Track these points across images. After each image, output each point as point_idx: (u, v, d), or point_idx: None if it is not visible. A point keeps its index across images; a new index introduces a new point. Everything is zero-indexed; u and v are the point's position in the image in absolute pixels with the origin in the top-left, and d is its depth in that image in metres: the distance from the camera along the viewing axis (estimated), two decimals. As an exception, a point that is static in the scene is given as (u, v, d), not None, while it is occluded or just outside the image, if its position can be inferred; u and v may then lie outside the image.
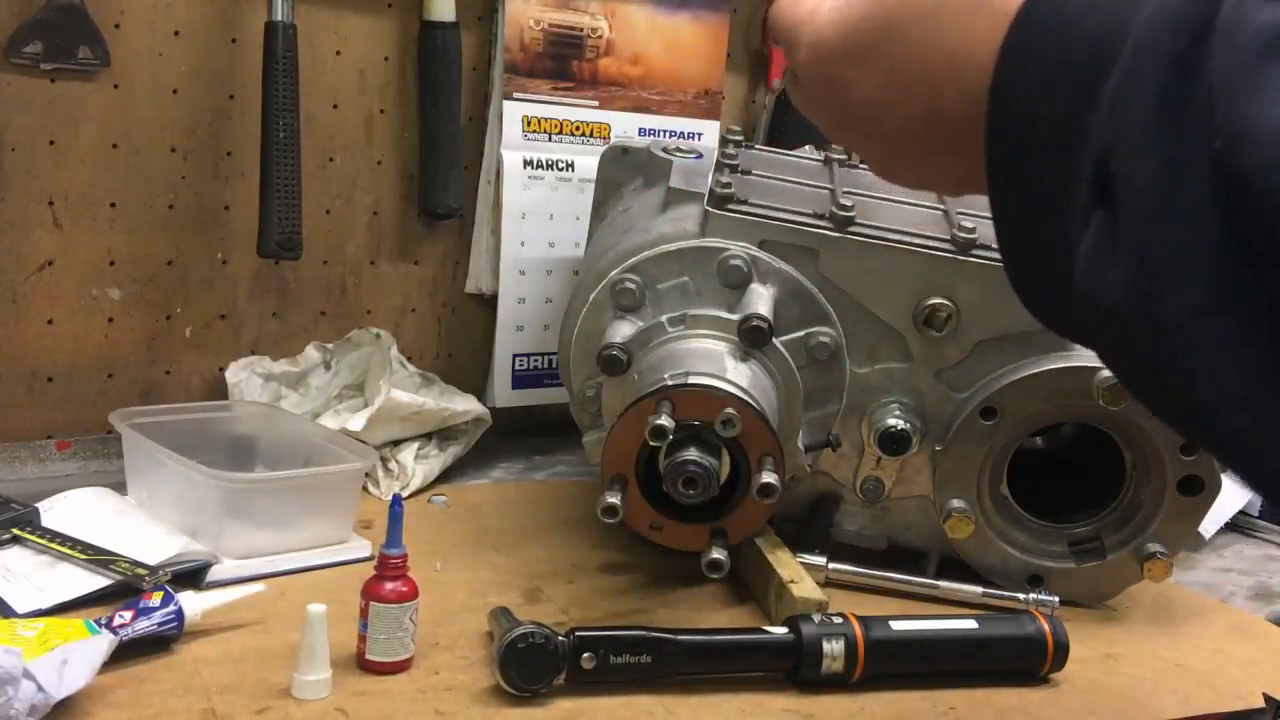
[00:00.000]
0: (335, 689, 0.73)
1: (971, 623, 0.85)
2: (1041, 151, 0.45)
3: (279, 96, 1.08)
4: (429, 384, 1.19)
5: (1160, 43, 0.40)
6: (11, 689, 0.62)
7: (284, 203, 1.09)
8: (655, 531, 0.91)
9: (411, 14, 1.20)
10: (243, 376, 1.13)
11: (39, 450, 1.08)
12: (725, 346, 0.91)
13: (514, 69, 1.26)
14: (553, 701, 0.75)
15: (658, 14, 1.34)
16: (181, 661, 0.75)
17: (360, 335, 1.20)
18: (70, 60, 1.03)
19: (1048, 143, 0.44)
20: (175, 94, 1.10)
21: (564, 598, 0.91)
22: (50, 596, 0.79)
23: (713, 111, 1.40)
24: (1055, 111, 0.44)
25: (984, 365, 0.96)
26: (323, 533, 0.93)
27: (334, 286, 1.22)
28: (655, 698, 0.77)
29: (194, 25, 1.10)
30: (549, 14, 1.27)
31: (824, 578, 0.95)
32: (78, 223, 1.07)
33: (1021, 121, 0.46)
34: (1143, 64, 0.40)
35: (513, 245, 1.27)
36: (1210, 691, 0.87)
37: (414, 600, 0.76)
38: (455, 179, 1.22)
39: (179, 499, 0.91)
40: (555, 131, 1.29)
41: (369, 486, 1.08)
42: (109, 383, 1.11)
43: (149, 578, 0.80)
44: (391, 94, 1.21)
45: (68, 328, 1.09)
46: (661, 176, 1.05)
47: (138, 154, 1.09)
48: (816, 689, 0.80)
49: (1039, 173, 0.45)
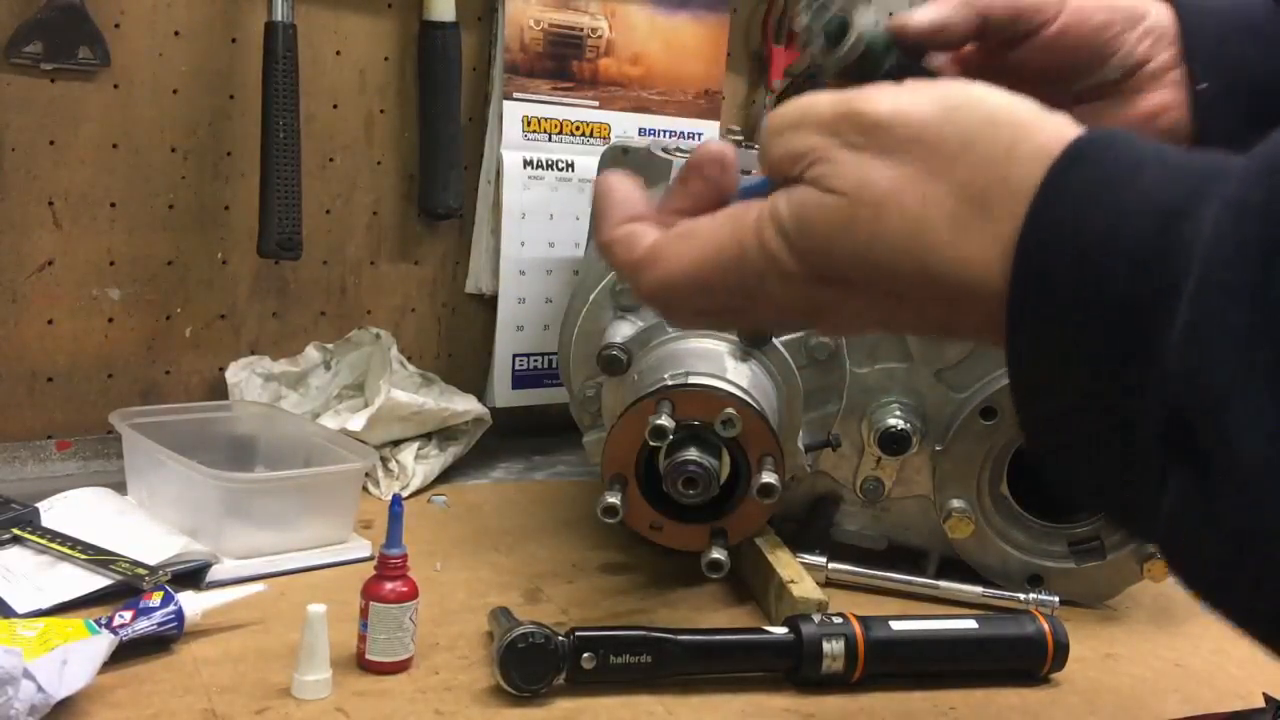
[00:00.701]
0: (335, 689, 0.73)
1: (971, 623, 0.85)
2: (1083, 396, 0.38)
3: (279, 96, 1.08)
4: (429, 384, 1.19)
5: (1235, 279, 0.33)
6: (11, 689, 0.62)
7: (284, 203, 1.09)
8: (655, 531, 0.91)
9: (411, 14, 1.20)
10: (243, 376, 1.13)
11: (39, 450, 1.08)
12: (725, 346, 0.92)
13: (514, 69, 1.26)
14: (553, 701, 0.75)
15: (658, 14, 1.34)
16: (181, 661, 0.75)
17: (360, 335, 1.20)
18: (70, 60, 1.03)
19: (1088, 387, 0.38)
20: (175, 94, 1.10)
21: (564, 598, 0.91)
22: (50, 596, 0.79)
23: (713, 111, 1.40)
24: (1094, 355, 0.37)
25: (984, 365, 0.96)
26: (323, 533, 0.93)
27: (334, 286, 1.22)
28: (655, 698, 0.77)
29: (194, 25, 1.10)
30: (549, 14, 1.27)
31: (824, 578, 0.95)
32: (78, 223, 1.07)
33: (1051, 365, 0.39)
34: (1215, 303, 0.34)
35: (513, 245, 1.27)
36: (1210, 691, 0.87)
37: (414, 600, 0.76)
38: (455, 179, 1.22)
39: (179, 499, 0.91)
40: (555, 131, 1.29)
41: (369, 486, 1.08)
42: (109, 383, 1.11)
43: (149, 578, 0.80)
44: (391, 94, 1.21)
45: (68, 328, 1.09)
46: (661, 176, 1.05)
47: (138, 154, 1.09)
48: (816, 689, 0.80)
49: (1083, 420, 0.38)
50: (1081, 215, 0.38)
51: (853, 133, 0.42)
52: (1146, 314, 0.35)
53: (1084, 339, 0.37)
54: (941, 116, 0.41)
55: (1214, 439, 0.33)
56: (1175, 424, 0.35)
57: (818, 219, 0.42)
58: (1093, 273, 0.37)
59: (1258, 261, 0.33)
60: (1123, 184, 0.37)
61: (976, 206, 0.40)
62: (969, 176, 0.40)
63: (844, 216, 0.42)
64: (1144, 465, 0.36)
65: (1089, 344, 0.37)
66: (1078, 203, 0.38)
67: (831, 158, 0.42)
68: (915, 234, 0.41)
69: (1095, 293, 0.37)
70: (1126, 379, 0.36)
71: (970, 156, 0.40)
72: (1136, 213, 0.36)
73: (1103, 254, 0.37)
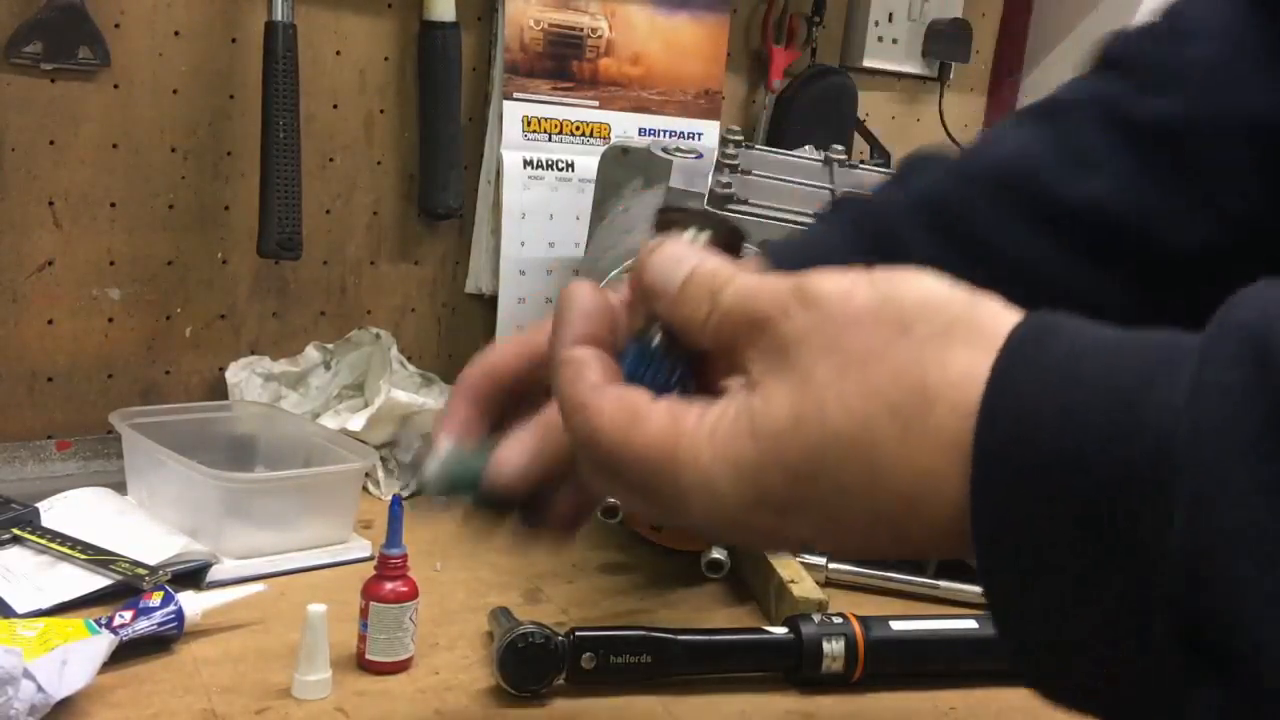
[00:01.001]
0: (335, 689, 0.73)
1: (971, 623, 0.85)
2: (1069, 607, 0.35)
3: (279, 96, 1.08)
4: (429, 384, 1.19)
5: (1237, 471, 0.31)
6: (11, 689, 0.62)
7: (284, 203, 1.09)
8: (655, 531, 0.91)
9: (411, 14, 1.20)
10: (243, 376, 1.13)
11: (39, 450, 1.07)
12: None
13: (514, 69, 1.26)
14: (553, 701, 0.75)
15: (658, 14, 1.34)
16: (181, 661, 0.75)
17: (360, 335, 1.20)
18: (70, 60, 1.03)
19: (1073, 598, 0.34)
20: (175, 94, 1.10)
21: (564, 598, 0.91)
22: (50, 596, 0.79)
23: (713, 111, 1.40)
24: (1075, 563, 0.34)
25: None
26: (323, 533, 0.93)
27: (334, 286, 1.22)
28: (655, 698, 0.77)
29: (194, 25, 1.10)
30: (549, 14, 1.27)
31: (824, 578, 0.95)
32: (78, 223, 1.07)
33: (1025, 577, 0.35)
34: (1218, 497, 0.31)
35: (513, 245, 1.27)
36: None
37: (414, 600, 0.76)
38: (455, 179, 1.22)
39: (179, 499, 0.91)
40: (555, 131, 1.29)
41: (369, 486, 1.08)
42: (109, 383, 1.11)
43: (149, 578, 0.80)
44: (391, 94, 1.21)
45: (68, 328, 1.09)
46: (661, 176, 1.05)
47: (138, 154, 1.09)
48: (816, 689, 0.80)
49: (1072, 633, 0.35)
50: (1038, 411, 0.35)
51: (800, 309, 0.40)
52: (1135, 515, 0.33)
53: (1063, 546, 0.34)
54: (879, 300, 0.39)
55: (1247, 657, 0.30)
56: (1193, 637, 0.32)
57: (764, 426, 0.39)
58: (1063, 473, 0.34)
59: (1255, 450, 0.31)
60: (1077, 373, 0.35)
61: (918, 397, 0.37)
62: (905, 364, 0.38)
63: (792, 416, 0.39)
64: (1160, 683, 0.33)
65: (1070, 553, 0.34)
66: (1032, 398, 0.35)
67: (778, 344, 0.40)
68: (860, 433, 0.38)
69: (1069, 493, 0.34)
70: (1122, 585, 0.33)
71: (907, 342, 0.38)
72: (1098, 405, 0.34)
73: (1063, 452, 0.34)
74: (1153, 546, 0.32)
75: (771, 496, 0.39)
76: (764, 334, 0.41)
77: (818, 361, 0.39)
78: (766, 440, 0.39)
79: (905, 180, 0.67)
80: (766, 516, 0.40)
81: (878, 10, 1.52)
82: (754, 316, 0.41)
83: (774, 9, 1.44)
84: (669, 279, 0.44)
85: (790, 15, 1.45)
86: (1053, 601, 0.35)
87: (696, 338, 0.43)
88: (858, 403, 0.38)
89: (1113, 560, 0.33)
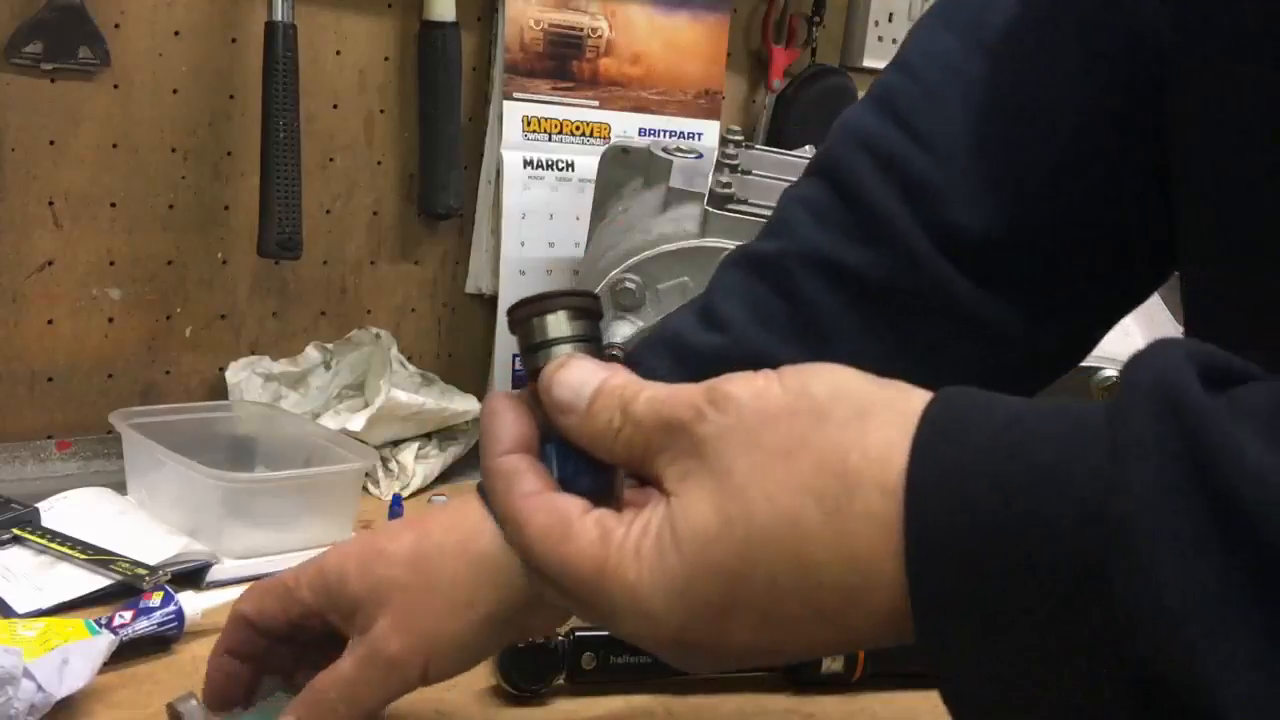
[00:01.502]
0: (335, 689, 0.73)
1: (971, 623, 0.85)
2: (1018, 666, 0.35)
3: (279, 96, 1.08)
4: (429, 384, 1.19)
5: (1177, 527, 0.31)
6: (11, 689, 0.62)
7: (284, 203, 1.09)
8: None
9: (411, 14, 1.20)
10: (243, 376, 1.13)
11: (39, 450, 1.08)
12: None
13: (514, 69, 1.26)
14: (553, 701, 0.75)
15: (658, 14, 1.34)
16: (181, 661, 0.75)
17: (360, 335, 1.20)
18: (70, 60, 1.03)
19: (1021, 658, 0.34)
20: (175, 94, 1.10)
21: (564, 598, 0.91)
22: (50, 596, 0.79)
23: (713, 111, 1.40)
24: (1021, 620, 0.34)
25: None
26: (323, 533, 0.93)
27: (334, 286, 1.22)
28: (655, 698, 0.77)
29: (194, 25, 1.10)
30: (549, 14, 1.27)
31: (824, 578, 0.95)
32: (78, 223, 1.07)
33: (969, 640, 0.35)
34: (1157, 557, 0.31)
35: (513, 245, 1.27)
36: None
37: (414, 600, 0.76)
38: (455, 179, 1.22)
39: (179, 499, 0.91)
40: (555, 131, 1.29)
41: (369, 486, 1.08)
42: (109, 383, 1.11)
43: (149, 578, 0.80)
44: (391, 94, 1.21)
45: (68, 328, 1.09)
46: (661, 176, 1.06)
47: (138, 154, 1.09)
48: (816, 689, 0.80)
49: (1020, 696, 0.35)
50: (964, 479, 0.35)
51: (714, 411, 0.40)
52: (1078, 572, 0.33)
53: (1006, 605, 0.34)
54: (793, 395, 0.39)
55: (1198, 700, 0.30)
56: (1143, 686, 0.32)
57: (688, 534, 0.39)
58: (998, 536, 0.34)
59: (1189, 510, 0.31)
60: (998, 440, 0.35)
61: (842, 482, 0.37)
62: (825, 451, 0.38)
63: (716, 519, 0.38)
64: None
65: (1014, 611, 0.34)
66: (955, 468, 0.36)
67: (694, 447, 0.40)
68: (789, 528, 0.37)
69: (1006, 555, 0.34)
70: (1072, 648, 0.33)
71: (825, 430, 0.38)
72: (1022, 471, 0.34)
73: (1003, 514, 0.34)
74: (1096, 603, 0.32)
75: (705, 606, 0.39)
76: (679, 439, 0.40)
77: (736, 459, 0.39)
78: (692, 547, 0.39)
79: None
80: (701, 628, 0.39)
81: (878, 10, 1.52)
82: (668, 422, 0.41)
83: (774, 9, 1.44)
84: (577, 396, 0.44)
85: (790, 15, 1.45)
86: (1000, 664, 0.35)
87: (609, 452, 0.43)
88: (783, 496, 0.38)
89: (1058, 617, 0.33)
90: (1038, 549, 0.33)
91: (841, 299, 0.60)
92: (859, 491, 0.37)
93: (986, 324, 0.60)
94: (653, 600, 0.39)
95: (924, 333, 0.60)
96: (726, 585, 0.38)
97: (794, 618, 0.38)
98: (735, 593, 0.38)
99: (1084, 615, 0.33)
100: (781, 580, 0.38)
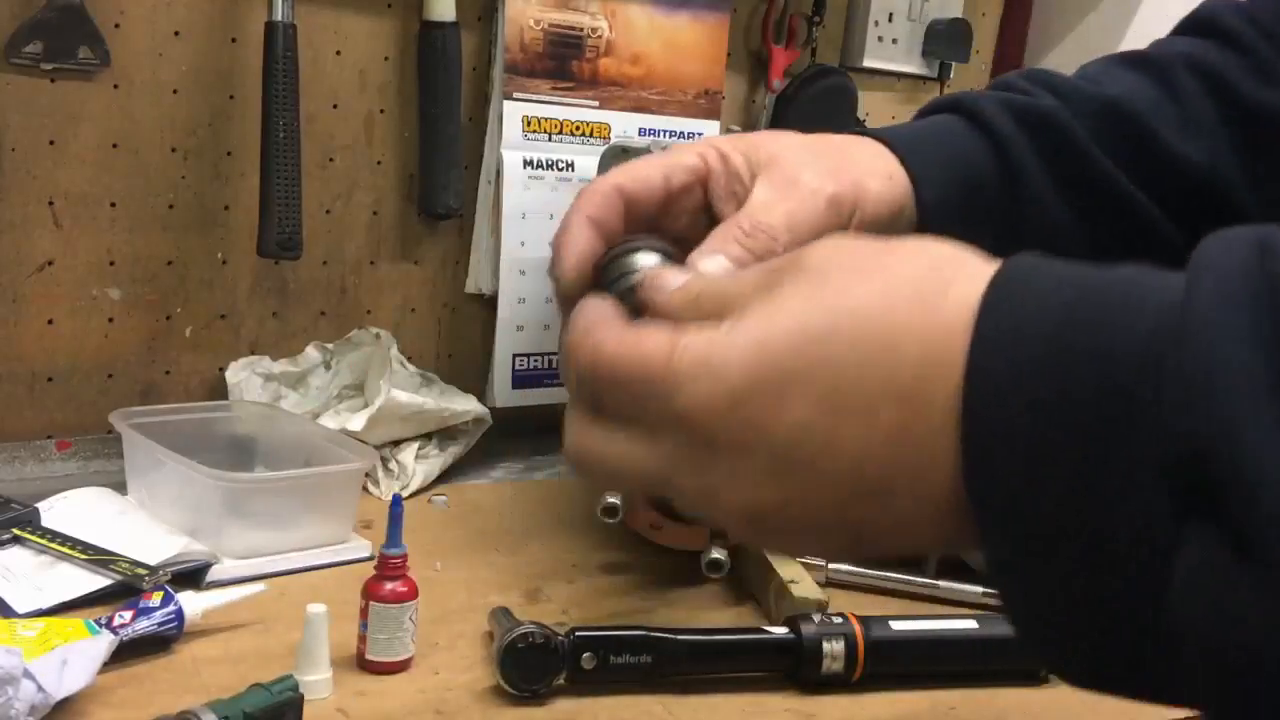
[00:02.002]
0: (335, 689, 0.73)
1: (971, 623, 0.85)
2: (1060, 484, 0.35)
3: (279, 96, 1.08)
4: (429, 384, 1.19)
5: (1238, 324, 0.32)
6: (11, 689, 0.62)
7: (284, 203, 1.09)
8: (655, 531, 0.91)
9: (411, 14, 1.20)
10: (243, 376, 1.13)
11: (39, 450, 1.08)
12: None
13: (514, 69, 1.26)
14: (553, 701, 0.75)
15: (658, 14, 1.34)
16: (181, 661, 0.75)
17: (360, 335, 1.20)
18: (70, 60, 1.03)
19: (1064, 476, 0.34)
20: (175, 94, 1.10)
21: (564, 598, 0.91)
22: (50, 596, 0.79)
23: (713, 111, 1.40)
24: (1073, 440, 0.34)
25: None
26: (323, 533, 0.93)
27: (334, 286, 1.22)
28: (655, 698, 0.77)
29: (194, 25, 1.10)
30: (549, 14, 1.27)
31: (824, 578, 0.95)
32: (78, 223, 1.07)
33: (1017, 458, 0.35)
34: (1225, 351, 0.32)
35: (513, 245, 1.27)
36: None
37: (414, 600, 0.76)
38: (455, 179, 1.22)
39: (179, 499, 0.92)
40: (555, 131, 1.29)
41: (369, 486, 1.08)
42: (109, 383, 1.11)
43: (149, 578, 0.80)
44: (391, 94, 1.21)
45: (68, 328, 1.09)
46: (661, 176, 1.05)
47: (138, 154, 1.09)
48: (816, 689, 0.80)
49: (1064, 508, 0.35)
50: (1039, 309, 0.37)
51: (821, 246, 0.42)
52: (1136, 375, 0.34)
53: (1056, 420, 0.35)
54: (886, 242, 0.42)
55: (1245, 494, 0.30)
56: (1181, 468, 0.32)
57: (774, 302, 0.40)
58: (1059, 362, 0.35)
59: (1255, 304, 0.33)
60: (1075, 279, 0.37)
61: (938, 274, 0.39)
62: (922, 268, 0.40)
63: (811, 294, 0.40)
64: (1151, 538, 0.33)
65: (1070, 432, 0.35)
66: (1033, 298, 0.37)
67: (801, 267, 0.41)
68: (880, 301, 0.39)
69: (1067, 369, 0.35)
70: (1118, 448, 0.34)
71: (919, 259, 0.41)
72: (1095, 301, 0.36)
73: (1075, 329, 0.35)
74: (1148, 393, 0.33)
75: (774, 365, 0.39)
76: (794, 260, 0.42)
77: (840, 269, 0.41)
78: (778, 309, 0.40)
79: (1008, 94, 0.68)
80: (764, 392, 0.39)
81: (877, 10, 1.52)
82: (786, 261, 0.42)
83: (774, 9, 1.44)
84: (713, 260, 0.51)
85: (790, 15, 1.45)
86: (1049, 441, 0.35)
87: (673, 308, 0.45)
88: (879, 284, 0.39)
89: (1113, 393, 0.34)
90: (1106, 340, 0.34)
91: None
92: (954, 286, 0.38)
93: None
94: (725, 351, 0.39)
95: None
96: (806, 342, 0.39)
97: (863, 394, 0.38)
98: (811, 350, 0.38)
99: (1136, 394, 0.33)
100: (863, 347, 0.38)
